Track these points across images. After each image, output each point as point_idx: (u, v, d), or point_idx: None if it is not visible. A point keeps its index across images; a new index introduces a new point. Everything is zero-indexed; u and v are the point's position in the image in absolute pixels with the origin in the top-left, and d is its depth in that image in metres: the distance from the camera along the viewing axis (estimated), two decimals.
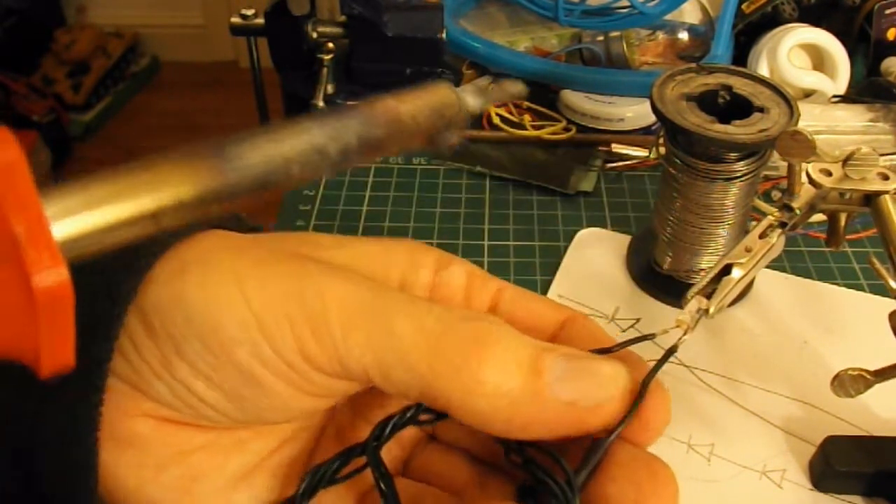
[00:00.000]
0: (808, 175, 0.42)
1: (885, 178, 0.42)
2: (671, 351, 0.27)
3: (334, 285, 0.24)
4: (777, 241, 0.41)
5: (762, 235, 0.41)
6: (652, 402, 0.24)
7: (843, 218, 0.45)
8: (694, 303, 0.35)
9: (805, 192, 0.42)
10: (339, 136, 0.21)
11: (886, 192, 0.41)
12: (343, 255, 0.27)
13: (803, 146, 0.40)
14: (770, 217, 0.42)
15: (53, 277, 0.15)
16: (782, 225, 0.42)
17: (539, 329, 0.27)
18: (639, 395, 0.24)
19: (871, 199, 0.42)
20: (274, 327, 0.23)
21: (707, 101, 0.49)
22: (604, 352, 0.24)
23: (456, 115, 0.23)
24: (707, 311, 0.35)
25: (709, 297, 0.36)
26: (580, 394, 0.22)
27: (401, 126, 0.22)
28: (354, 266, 0.27)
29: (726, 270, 0.38)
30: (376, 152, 0.22)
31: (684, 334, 0.30)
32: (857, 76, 0.74)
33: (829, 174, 0.42)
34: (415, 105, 0.22)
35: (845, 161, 0.41)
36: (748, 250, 0.40)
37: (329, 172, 0.21)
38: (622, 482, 0.24)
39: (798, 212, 0.42)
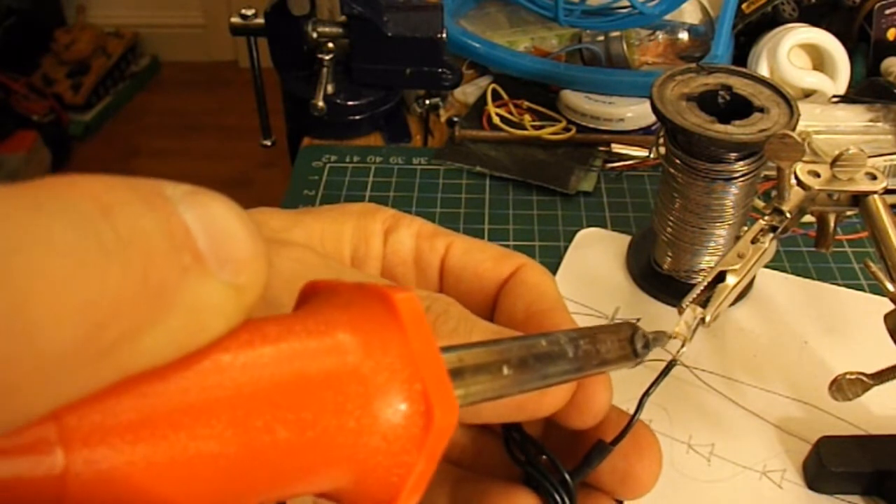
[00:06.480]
0: (796, 177, 0.42)
1: (873, 178, 0.42)
2: (671, 365, 0.27)
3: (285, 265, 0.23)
4: (769, 245, 0.41)
5: (754, 240, 0.41)
6: (591, 388, 0.24)
7: (832, 219, 0.45)
8: (689, 312, 0.35)
9: (795, 195, 0.42)
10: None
11: (875, 193, 0.41)
12: (295, 236, 0.27)
13: (793, 149, 0.40)
14: (761, 221, 0.42)
15: (452, 418, 0.15)
16: (773, 229, 0.42)
17: (484, 287, 0.27)
18: (638, 406, 0.24)
19: (859, 199, 0.42)
20: None
21: (707, 101, 0.49)
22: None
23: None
24: (704, 319, 0.35)
25: (704, 305, 0.36)
26: None
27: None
28: (309, 246, 0.26)
29: (720, 278, 0.38)
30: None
31: (682, 346, 0.30)
32: (857, 76, 0.74)
33: (818, 175, 0.42)
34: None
35: (833, 162, 0.41)
36: (741, 256, 0.40)
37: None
38: (609, 454, 0.24)
39: (788, 215, 0.42)
